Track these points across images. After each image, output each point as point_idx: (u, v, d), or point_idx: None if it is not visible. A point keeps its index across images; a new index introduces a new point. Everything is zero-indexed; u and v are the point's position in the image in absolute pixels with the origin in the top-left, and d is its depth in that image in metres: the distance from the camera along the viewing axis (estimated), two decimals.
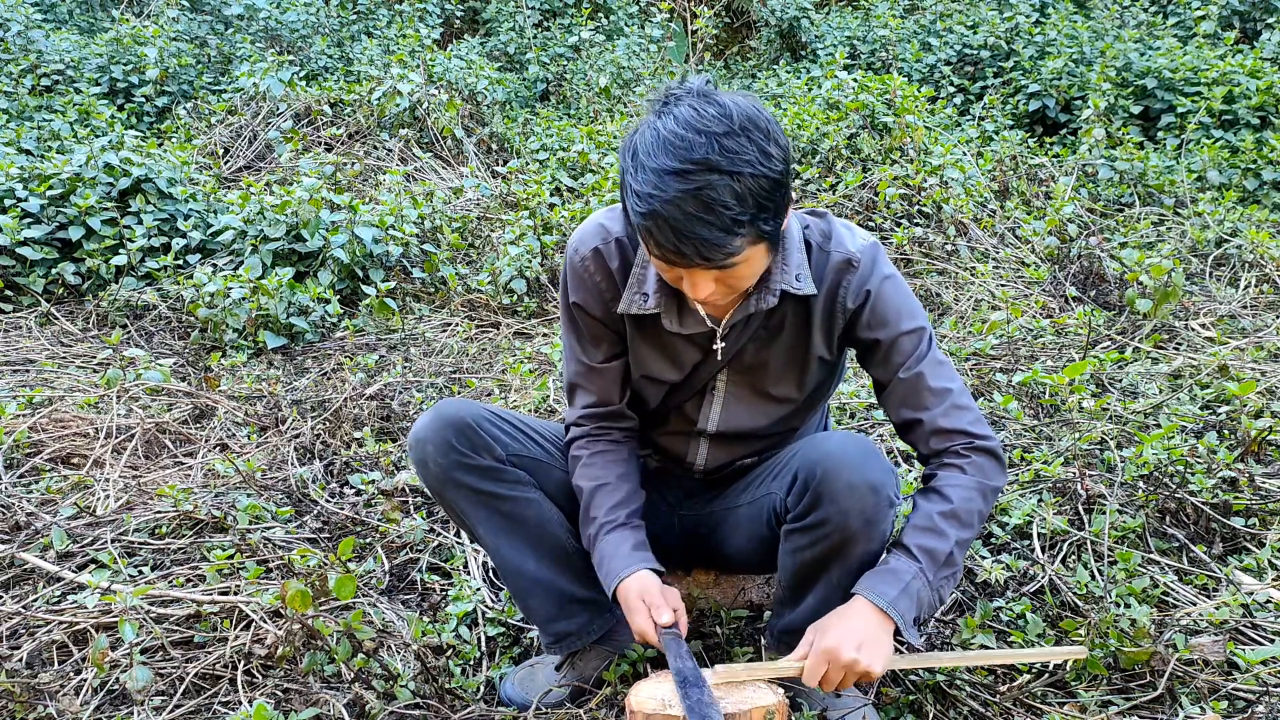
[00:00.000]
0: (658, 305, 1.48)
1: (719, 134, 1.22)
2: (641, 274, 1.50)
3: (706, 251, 1.23)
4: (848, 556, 1.45)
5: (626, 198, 1.29)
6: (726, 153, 1.21)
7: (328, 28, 8.05)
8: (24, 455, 2.56)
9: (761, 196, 1.24)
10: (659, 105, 1.29)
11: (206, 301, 3.54)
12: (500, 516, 1.57)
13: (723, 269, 1.29)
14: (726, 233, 1.23)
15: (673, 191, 1.21)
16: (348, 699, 1.64)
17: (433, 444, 1.52)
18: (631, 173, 1.26)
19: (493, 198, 4.93)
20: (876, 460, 1.42)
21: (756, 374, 1.57)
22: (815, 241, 1.50)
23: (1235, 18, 7.17)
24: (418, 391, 3.12)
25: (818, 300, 1.49)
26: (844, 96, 4.98)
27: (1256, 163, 5.16)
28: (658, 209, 1.22)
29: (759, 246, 1.30)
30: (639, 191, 1.24)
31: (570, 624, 1.63)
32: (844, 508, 1.40)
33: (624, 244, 1.52)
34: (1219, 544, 2.08)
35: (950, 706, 1.64)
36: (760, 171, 1.23)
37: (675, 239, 1.23)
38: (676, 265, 1.29)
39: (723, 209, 1.21)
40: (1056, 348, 3.29)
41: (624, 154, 1.30)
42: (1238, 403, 2.63)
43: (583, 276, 1.54)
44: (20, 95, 6.07)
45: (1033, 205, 4.79)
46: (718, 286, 1.33)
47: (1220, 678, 1.65)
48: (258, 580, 1.94)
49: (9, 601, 1.94)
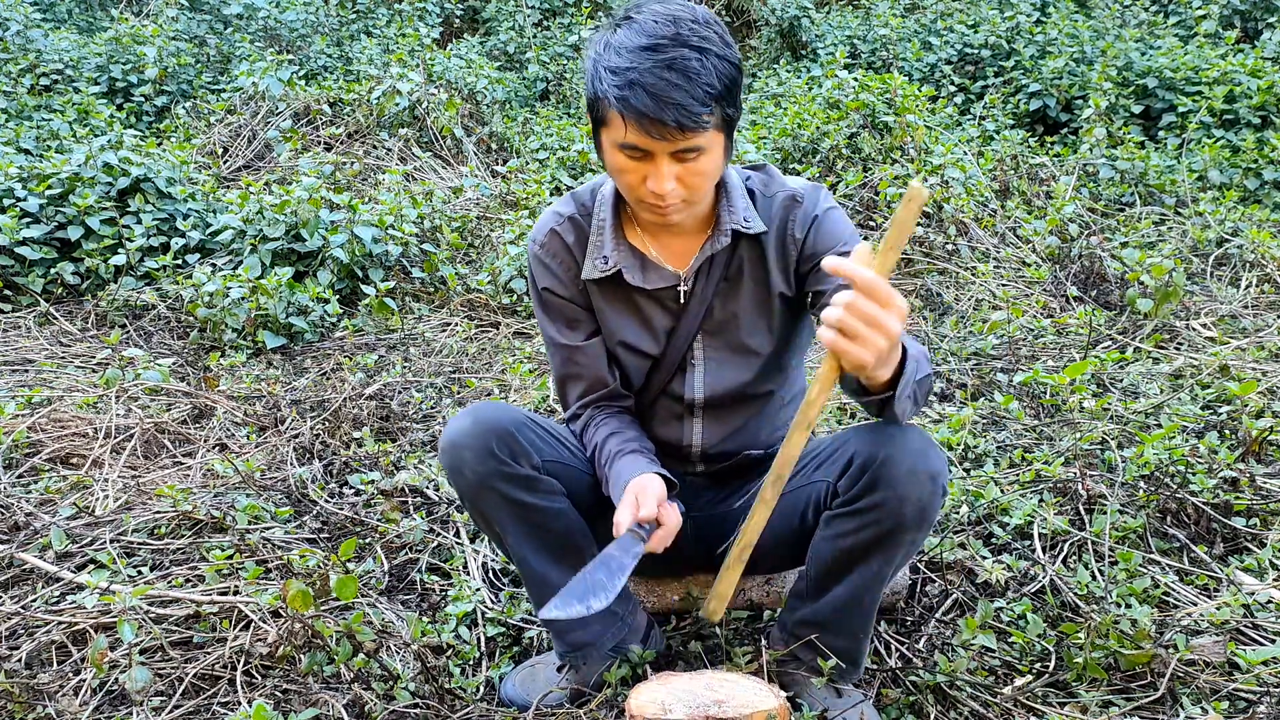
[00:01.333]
0: (619, 263, 1.54)
1: (687, 19, 1.33)
2: (599, 240, 1.56)
3: (682, 117, 1.29)
4: (893, 544, 1.45)
5: (600, 83, 1.34)
6: (695, 34, 1.32)
7: (327, 27, 8.04)
8: (23, 455, 2.55)
9: (726, 78, 1.34)
10: (621, 14, 1.38)
11: (205, 301, 3.53)
12: (530, 526, 1.55)
13: (687, 156, 1.35)
14: (699, 102, 1.30)
15: (649, 63, 1.29)
16: (347, 699, 1.64)
17: (471, 450, 1.49)
18: (604, 60, 1.34)
19: (492, 197, 4.93)
20: (936, 450, 1.42)
21: (729, 329, 1.61)
22: (757, 189, 1.58)
23: (1236, 17, 7.17)
24: (417, 391, 3.11)
25: (769, 238, 1.56)
26: (844, 96, 4.98)
27: (1257, 162, 5.16)
28: (635, 79, 1.29)
29: (719, 137, 1.38)
30: (615, 68, 1.31)
31: (587, 634, 1.63)
32: (901, 494, 1.40)
33: (577, 220, 1.60)
34: (1220, 544, 2.08)
35: (950, 707, 1.63)
36: (724, 55, 1.34)
37: (655, 104, 1.29)
38: (648, 140, 1.33)
39: (696, 76, 1.30)
40: (1057, 347, 3.29)
41: (593, 47, 1.37)
42: (1239, 403, 2.63)
43: (544, 260, 1.60)
44: (19, 95, 6.07)
45: (1033, 205, 4.78)
46: (678, 185, 1.39)
47: (1221, 678, 1.65)
48: (257, 580, 1.93)
49: (8, 602, 1.94)
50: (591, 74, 1.37)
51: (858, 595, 1.52)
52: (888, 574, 1.51)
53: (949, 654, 1.78)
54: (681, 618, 1.92)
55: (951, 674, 1.67)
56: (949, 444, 2.50)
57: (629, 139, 1.34)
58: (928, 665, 1.75)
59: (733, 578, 1.39)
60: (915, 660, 1.77)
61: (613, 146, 1.38)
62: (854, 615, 1.56)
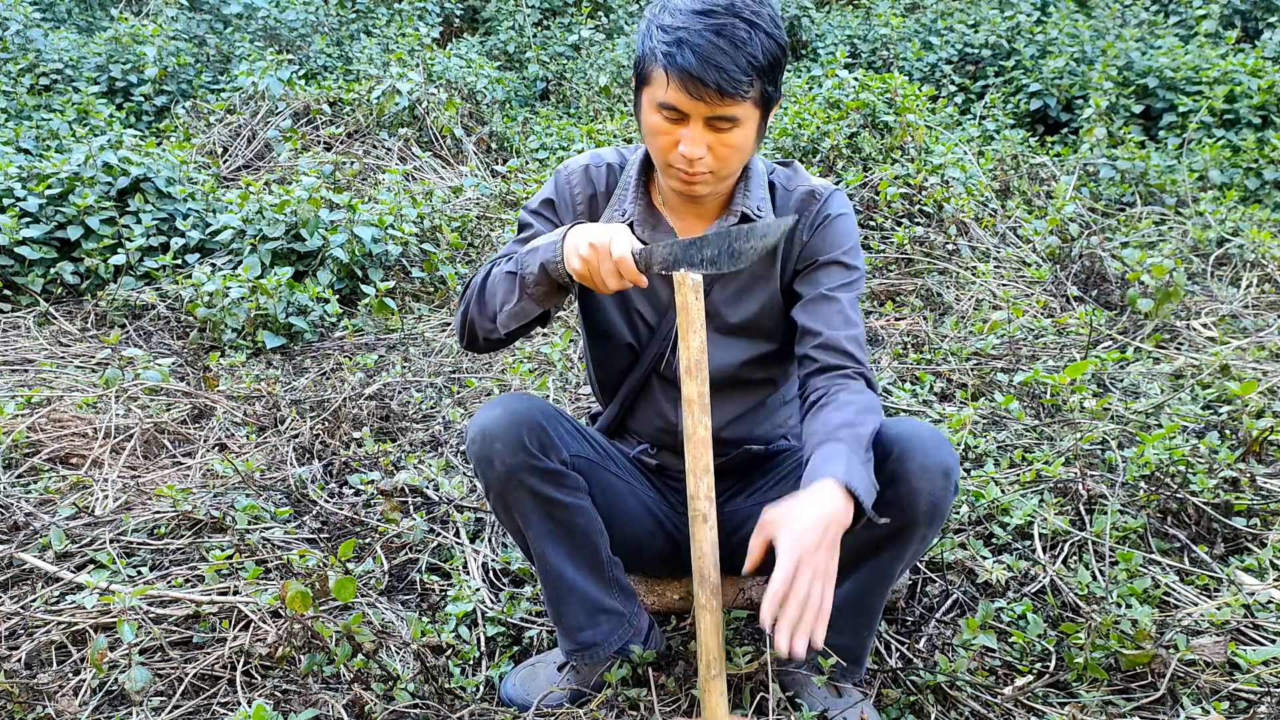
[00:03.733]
0: (633, 217, 1.56)
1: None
2: (621, 194, 1.58)
3: (725, 81, 1.32)
4: (905, 540, 1.46)
5: (650, 39, 1.37)
6: (749, 8, 1.35)
7: (327, 26, 8.04)
8: (22, 455, 2.55)
9: (771, 55, 1.36)
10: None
11: (205, 301, 3.53)
12: (553, 523, 1.54)
13: (721, 125, 1.38)
14: (743, 72, 1.33)
15: (700, 25, 1.33)
16: (347, 699, 1.64)
17: (502, 441, 1.47)
18: (658, 19, 1.37)
19: (492, 197, 4.93)
20: (948, 446, 1.43)
21: (727, 310, 1.61)
22: (779, 182, 1.61)
23: (1237, 17, 7.17)
24: (417, 391, 3.11)
25: None
26: (845, 95, 4.97)
27: (1258, 162, 5.16)
28: (685, 38, 1.33)
29: (756, 113, 1.40)
30: (667, 25, 1.35)
31: (595, 634, 1.63)
32: (915, 488, 1.40)
33: (614, 170, 1.62)
34: (1220, 544, 2.07)
35: (951, 707, 1.63)
36: (774, 32, 1.36)
37: (700, 65, 1.32)
38: (687, 100, 1.35)
39: (743, 45, 1.33)
40: (1058, 347, 3.29)
41: (650, 9, 1.41)
42: (1239, 402, 2.63)
43: (563, 188, 1.62)
44: (19, 94, 6.07)
45: (1034, 204, 4.78)
46: (709, 155, 1.41)
47: (1222, 678, 1.65)
48: (257, 580, 1.93)
49: (8, 602, 1.94)
50: (643, 31, 1.40)
51: (865, 592, 1.52)
52: (896, 570, 1.51)
53: (949, 654, 1.78)
54: (681, 618, 1.92)
55: (952, 674, 1.67)
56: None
57: (669, 98, 1.36)
58: (928, 665, 1.75)
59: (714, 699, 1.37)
60: (915, 660, 1.77)
61: (651, 106, 1.40)
62: (860, 612, 1.56)
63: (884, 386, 2.98)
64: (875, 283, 3.95)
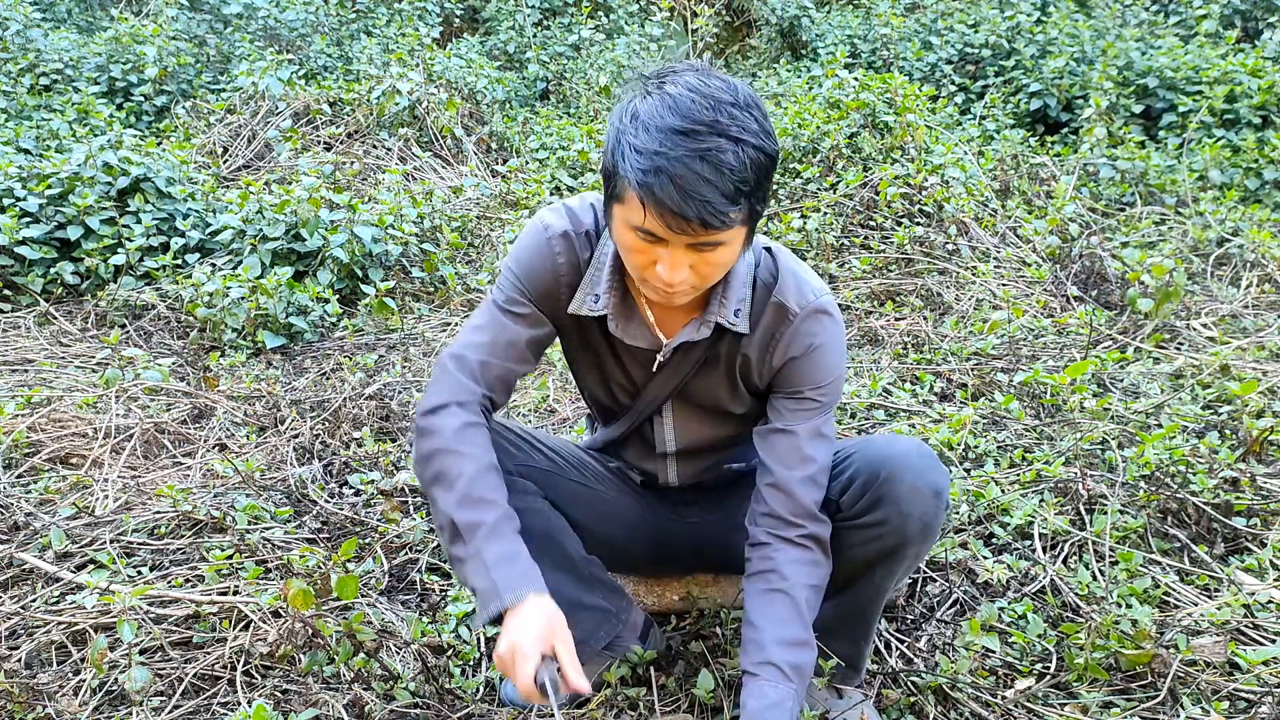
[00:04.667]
0: (607, 309, 1.44)
1: (726, 102, 1.20)
2: (596, 275, 1.44)
3: (708, 214, 1.18)
4: (897, 559, 1.46)
5: (623, 161, 1.22)
6: (734, 120, 1.19)
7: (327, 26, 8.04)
8: (22, 455, 2.55)
9: (760, 171, 1.22)
10: (655, 79, 1.25)
11: (205, 301, 3.53)
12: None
13: (704, 248, 1.25)
14: (729, 200, 1.19)
15: (681, 150, 1.17)
16: (347, 699, 1.64)
17: None
18: (632, 134, 1.21)
19: (492, 197, 4.93)
20: (937, 465, 1.41)
21: (702, 399, 1.55)
22: (762, 279, 1.45)
23: (1237, 17, 7.17)
24: (417, 391, 3.11)
25: (752, 341, 1.45)
26: (845, 95, 4.97)
27: (1258, 162, 5.16)
28: (664, 166, 1.17)
29: (741, 232, 1.27)
30: (643, 149, 1.19)
31: (578, 631, 1.62)
32: (905, 510, 1.39)
33: (591, 238, 1.46)
34: (1220, 544, 2.07)
35: (951, 708, 1.63)
36: (762, 145, 1.21)
37: (681, 197, 1.17)
38: (667, 232, 1.22)
39: (730, 171, 1.18)
40: (1058, 347, 3.29)
41: (619, 118, 1.24)
42: (1239, 402, 2.62)
43: (548, 252, 1.45)
44: (19, 94, 6.07)
45: (1034, 204, 4.78)
46: (691, 273, 1.28)
47: (1222, 678, 1.65)
48: (257, 580, 1.93)
49: (8, 602, 1.94)
50: (613, 144, 1.24)
51: (859, 605, 1.53)
52: (889, 586, 1.51)
53: (950, 654, 1.78)
54: (681, 617, 1.92)
55: (952, 675, 1.67)
56: (949, 444, 2.50)
57: (646, 225, 1.23)
58: (928, 665, 1.75)
59: None
60: (916, 661, 1.77)
61: (625, 225, 1.26)
62: (856, 623, 1.57)
63: (884, 386, 2.98)
64: (875, 283, 3.95)
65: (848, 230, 4.33)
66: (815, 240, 4.16)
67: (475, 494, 1.37)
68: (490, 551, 1.35)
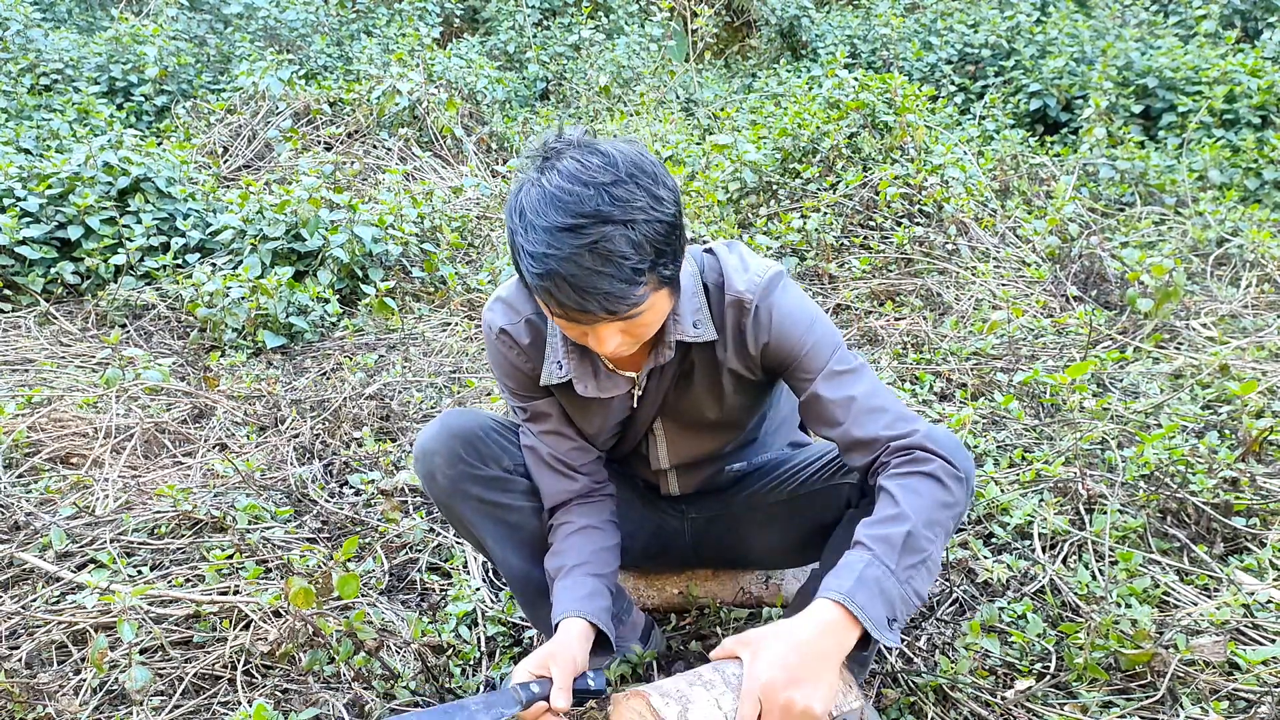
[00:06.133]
0: (570, 372, 1.45)
1: (607, 184, 1.18)
2: (554, 343, 1.46)
3: (610, 305, 1.19)
4: None
5: (520, 260, 1.22)
6: (617, 202, 1.17)
7: (327, 26, 8.04)
8: (23, 455, 2.55)
9: (658, 242, 1.20)
10: (539, 161, 1.24)
11: (205, 301, 3.53)
12: (507, 527, 1.57)
13: (628, 319, 1.24)
14: (628, 283, 1.18)
15: (568, 249, 1.16)
16: (348, 699, 1.64)
17: (441, 455, 1.51)
18: (522, 234, 1.20)
19: (492, 197, 4.93)
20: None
21: (689, 413, 1.55)
22: (711, 282, 1.45)
23: (1236, 17, 7.17)
24: (417, 391, 3.11)
25: (725, 341, 1.45)
26: (844, 95, 4.97)
27: (1258, 162, 5.16)
28: (555, 268, 1.17)
29: (661, 292, 1.26)
30: (533, 253, 1.18)
31: None
32: None
33: (533, 322, 1.48)
34: (1220, 544, 2.07)
35: (950, 708, 1.63)
36: (654, 216, 1.19)
37: (578, 296, 1.18)
38: (580, 322, 1.24)
39: (621, 259, 1.17)
40: (1057, 347, 3.29)
41: (510, 214, 1.24)
42: (1239, 402, 2.63)
43: (501, 351, 1.50)
44: (19, 94, 6.07)
45: (1034, 204, 4.78)
46: (624, 338, 1.28)
47: (1221, 678, 1.65)
48: (257, 580, 1.93)
49: (8, 601, 1.94)
50: (510, 240, 1.25)
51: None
52: None
53: (949, 654, 1.78)
54: (681, 616, 1.93)
55: (952, 675, 1.67)
56: None
57: (562, 315, 1.24)
58: (928, 665, 1.75)
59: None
60: (915, 660, 1.77)
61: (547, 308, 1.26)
62: None
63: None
64: (875, 283, 3.95)
65: (847, 230, 4.33)
66: (815, 240, 4.16)
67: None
68: (560, 583, 1.48)
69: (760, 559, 1.81)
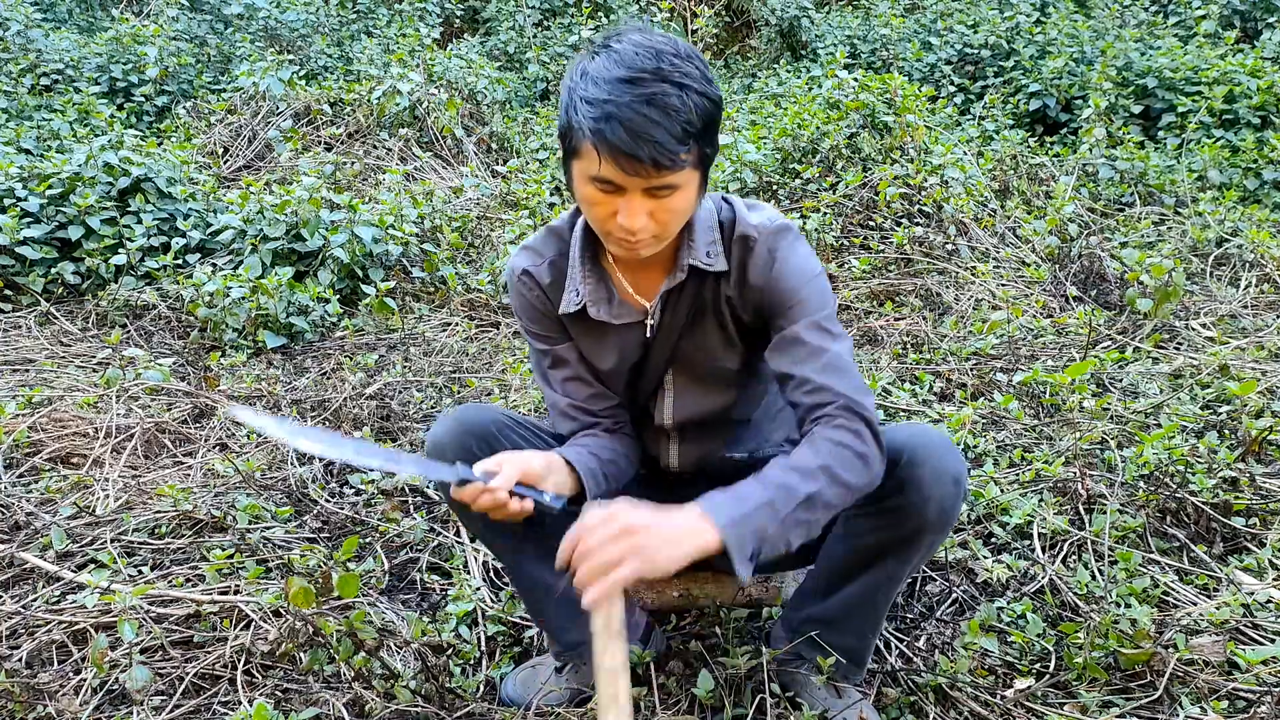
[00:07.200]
0: (585, 297, 1.52)
1: (668, 52, 1.27)
2: (572, 274, 1.53)
3: (659, 154, 1.24)
4: (912, 546, 1.45)
5: (575, 113, 1.28)
6: (676, 68, 1.26)
7: (327, 27, 8.05)
8: (23, 455, 2.55)
9: (706, 116, 1.28)
10: (603, 39, 1.33)
11: (206, 301, 3.53)
12: (518, 526, 1.54)
13: (660, 193, 1.30)
14: (677, 140, 1.25)
15: (628, 97, 1.24)
16: (347, 699, 1.64)
17: (453, 451, 1.49)
18: (582, 89, 1.27)
19: (492, 197, 4.93)
20: (957, 452, 1.42)
21: (698, 360, 1.59)
22: (725, 219, 1.53)
23: (1236, 17, 7.18)
24: (417, 391, 3.11)
25: (730, 276, 1.52)
26: (844, 96, 4.98)
27: (1257, 162, 5.16)
28: (613, 112, 1.24)
29: (694, 176, 1.33)
30: (592, 99, 1.25)
31: (581, 633, 1.63)
32: (926, 495, 1.39)
33: (556, 262, 1.56)
34: (1219, 544, 2.08)
35: (950, 707, 1.63)
36: (705, 91, 1.28)
37: (631, 139, 1.23)
38: (623, 177, 1.27)
39: (676, 113, 1.25)
40: (1057, 347, 3.29)
41: (570, 78, 1.31)
42: (1238, 402, 2.63)
43: (522, 293, 1.58)
44: (20, 95, 6.08)
45: (1033, 205, 4.78)
46: (649, 221, 1.33)
47: (1221, 678, 1.65)
48: (257, 580, 1.93)
49: (8, 601, 1.94)
50: (566, 102, 1.30)
51: (870, 595, 1.52)
52: (902, 575, 1.50)
53: (949, 654, 1.78)
54: (681, 617, 1.93)
55: (951, 674, 1.67)
56: None
57: (602, 173, 1.28)
58: (928, 665, 1.75)
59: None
60: (915, 660, 1.77)
61: (584, 178, 1.32)
62: (864, 615, 1.56)
63: (884, 386, 2.99)
64: (875, 283, 3.95)
65: (847, 230, 4.34)
66: (815, 240, 4.16)
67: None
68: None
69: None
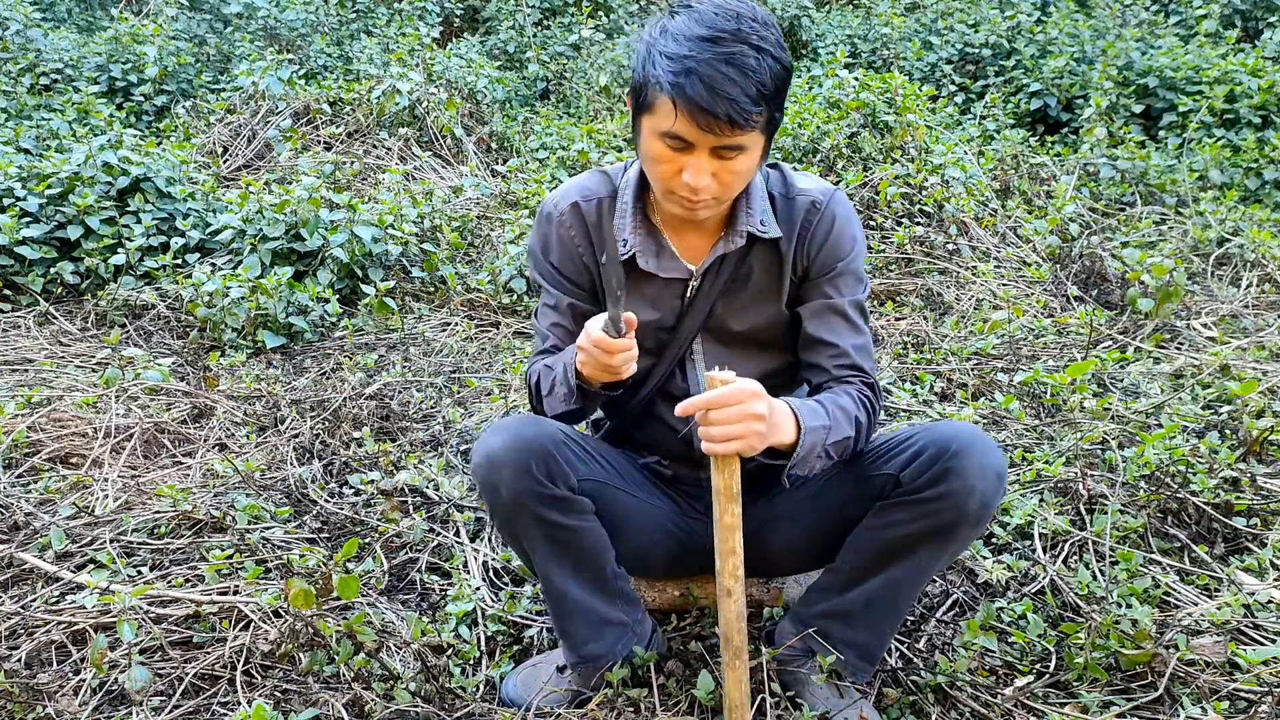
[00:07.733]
0: (635, 247, 1.54)
1: (747, 16, 1.32)
2: (621, 222, 1.55)
3: (735, 112, 1.29)
4: (947, 539, 1.46)
5: (653, 68, 1.33)
6: (754, 31, 1.31)
7: (327, 26, 8.04)
8: (22, 455, 2.55)
9: (779, 79, 1.33)
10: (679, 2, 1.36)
11: (205, 301, 3.53)
12: (558, 545, 1.53)
13: (727, 153, 1.35)
14: (752, 101, 1.29)
15: (708, 54, 1.28)
16: (347, 699, 1.64)
17: (510, 469, 1.45)
18: (662, 44, 1.32)
19: (492, 197, 4.93)
20: (999, 450, 1.46)
21: (731, 330, 1.61)
22: (777, 191, 1.57)
23: (1237, 16, 7.17)
24: (417, 391, 3.11)
25: (786, 243, 1.55)
26: (845, 95, 4.97)
27: (1258, 162, 5.15)
28: (693, 68, 1.28)
29: (760, 139, 1.37)
30: (672, 54, 1.30)
31: (599, 646, 1.63)
32: (970, 486, 1.41)
33: (603, 202, 1.58)
34: (1220, 544, 2.07)
35: (951, 707, 1.63)
36: (780, 57, 1.33)
37: (709, 95, 1.28)
38: (695, 133, 1.32)
39: (752, 73, 1.29)
40: (1058, 347, 3.29)
41: (649, 34, 1.36)
42: (1239, 402, 2.62)
43: (559, 232, 1.59)
44: (19, 94, 6.07)
45: (1034, 204, 4.78)
46: (714, 181, 1.38)
47: (1221, 678, 1.65)
48: (257, 580, 1.93)
49: (8, 601, 1.94)
50: (644, 57, 1.35)
51: (894, 589, 1.52)
52: (932, 569, 1.50)
53: (949, 654, 1.78)
54: (682, 617, 1.92)
55: (952, 674, 1.67)
56: None
57: (676, 128, 1.33)
58: (928, 665, 1.75)
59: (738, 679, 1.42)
60: (915, 660, 1.77)
61: (653, 134, 1.36)
62: (885, 609, 1.56)
63: (884, 386, 2.98)
64: (875, 283, 3.95)
65: None
66: None
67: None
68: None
69: (778, 562, 1.77)
